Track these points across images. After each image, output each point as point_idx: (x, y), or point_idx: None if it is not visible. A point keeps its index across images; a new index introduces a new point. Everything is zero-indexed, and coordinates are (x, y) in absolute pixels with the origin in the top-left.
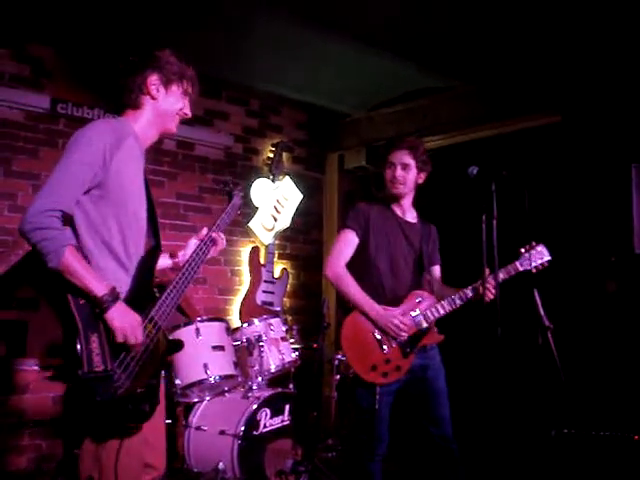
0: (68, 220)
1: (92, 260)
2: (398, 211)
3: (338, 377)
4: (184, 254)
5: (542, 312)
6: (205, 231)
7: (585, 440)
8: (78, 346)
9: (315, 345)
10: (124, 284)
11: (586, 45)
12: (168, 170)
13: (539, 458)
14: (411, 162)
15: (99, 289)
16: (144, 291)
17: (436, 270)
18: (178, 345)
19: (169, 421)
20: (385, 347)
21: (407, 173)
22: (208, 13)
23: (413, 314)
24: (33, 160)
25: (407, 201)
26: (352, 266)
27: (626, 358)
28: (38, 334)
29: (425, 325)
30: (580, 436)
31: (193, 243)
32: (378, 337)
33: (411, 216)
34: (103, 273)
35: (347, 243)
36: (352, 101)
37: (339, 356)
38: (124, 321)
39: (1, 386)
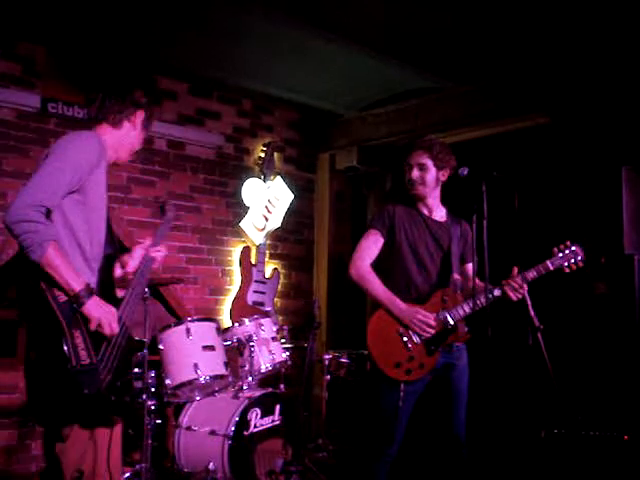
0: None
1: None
2: (425, 210)
3: (329, 377)
4: (132, 265)
5: (532, 313)
6: (148, 242)
7: (575, 440)
8: (64, 342)
9: (306, 345)
10: (92, 283)
11: (575, 46)
12: (159, 170)
13: (529, 458)
14: (428, 162)
15: (77, 284)
16: (110, 292)
17: (468, 268)
18: (139, 346)
19: (159, 421)
20: (409, 344)
21: (425, 173)
22: (200, 13)
23: (439, 312)
24: (24, 159)
25: (433, 200)
26: (378, 266)
27: (616, 359)
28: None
29: (451, 323)
30: (570, 436)
31: (138, 254)
32: (402, 334)
33: (439, 214)
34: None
35: (371, 243)
36: (344, 101)
37: (328, 356)
38: (100, 312)
39: None
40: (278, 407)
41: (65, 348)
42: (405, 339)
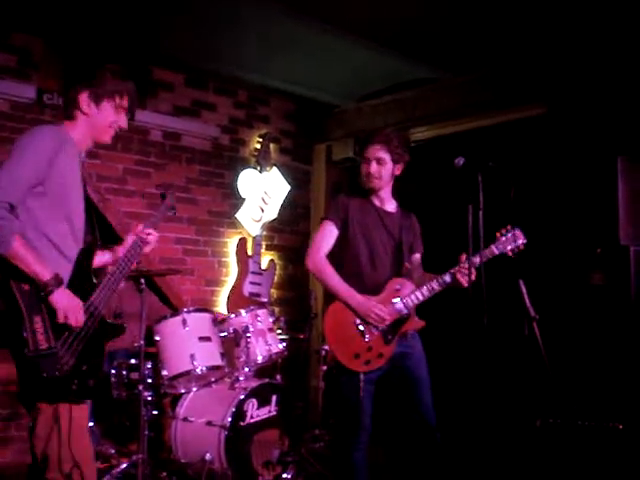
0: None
1: (36, 250)
2: (377, 202)
3: (325, 368)
4: (123, 249)
5: (528, 303)
6: (140, 227)
7: (570, 430)
8: (23, 328)
9: (302, 336)
10: (65, 272)
11: (571, 36)
12: (155, 161)
13: (524, 448)
14: (385, 156)
15: (44, 274)
16: (84, 279)
17: (417, 258)
18: (119, 329)
19: (155, 412)
20: (367, 335)
21: (382, 167)
22: (196, 4)
23: (393, 301)
24: None
25: (385, 192)
26: (333, 257)
27: (611, 349)
28: None
29: (405, 312)
30: (565, 426)
31: (131, 239)
32: (359, 325)
33: (391, 206)
34: (46, 261)
35: (327, 234)
36: (340, 92)
37: (325, 347)
38: (66, 303)
39: None
40: (274, 398)
41: (24, 333)
42: (362, 330)
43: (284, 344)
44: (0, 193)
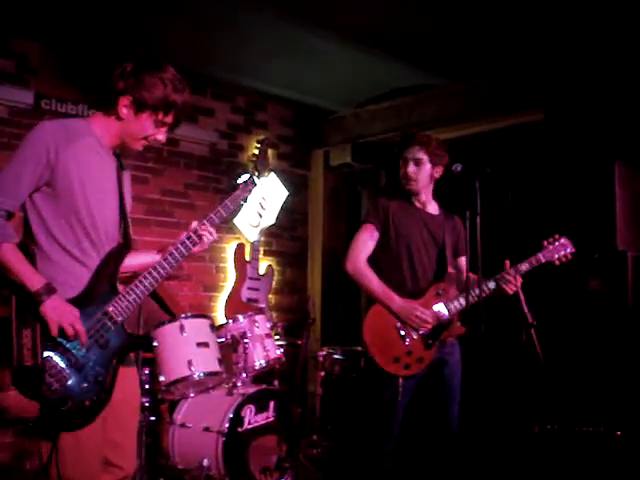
0: (24, 218)
1: (45, 255)
2: (418, 204)
3: (323, 373)
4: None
5: (526, 309)
6: (195, 224)
7: (568, 436)
8: (12, 340)
9: (300, 342)
10: (81, 279)
11: (568, 42)
12: (153, 166)
13: (522, 454)
14: (424, 157)
15: (33, 284)
16: (105, 286)
17: (462, 261)
18: (144, 342)
19: (153, 418)
20: (407, 339)
21: (420, 169)
22: (195, 9)
23: (435, 306)
24: None
25: (426, 194)
26: (374, 260)
27: (609, 355)
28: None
29: (447, 317)
30: (563, 432)
31: (182, 237)
32: (400, 329)
33: (432, 208)
34: (58, 268)
35: (367, 237)
36: (338, 98)
37: (323, 352)
38: (58, 314)
39: None
40: (272, 404)
41: (13, 347)
42: (403, 333)
43: (282, 350)
44: None
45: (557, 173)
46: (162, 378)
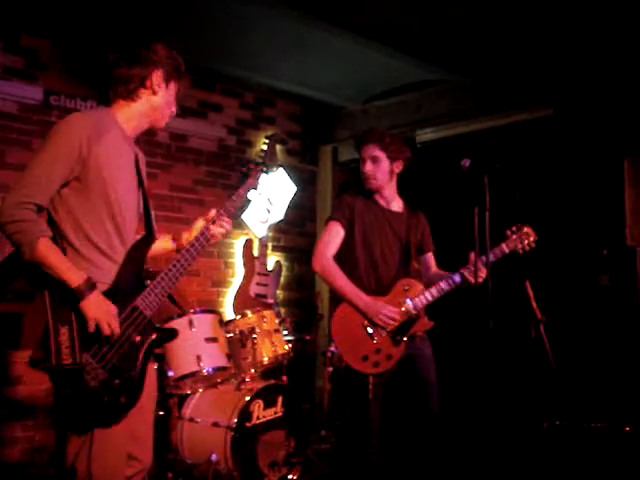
0: (50, 212)
1: (75, 251)
2: (382, 202)
3: (331, 369)
4: (188, 237)
5: (534, 305)
6: (213, 212)
7: (577, 432)
8: (48, 339)
9: (308, 337)
10: (110, 274)
11: (578, 38)
12: (161, 162)
13: (531, 450)
14: (380, 154)
15: (73, 280)
16: (132, 280)
17: (428, 257)
18: (171, 334)
19: (162, 413)
20: (375, 337)
21: (377, 166)
22: (203, 5)
23: (401, 302)
24: (26, 152)
25: (389, 191)
26: (339, 257)
27: (617, 351)
28: (32, 326)
29: (414, 313)
30: (572, 428)
31: (199, 224)
32: (367, 327)
33: (396, 205)
34: (87, 263)
35: (333, 235)
36: (346, 94)
37: (332, 348)
38: (98, 311)
39: None
40: (280, 399)
41: (49, 345)
42: (370, 331)
43: (290, 345)
44: (24, 193)
45: (566, 169)
46: (171, 373)
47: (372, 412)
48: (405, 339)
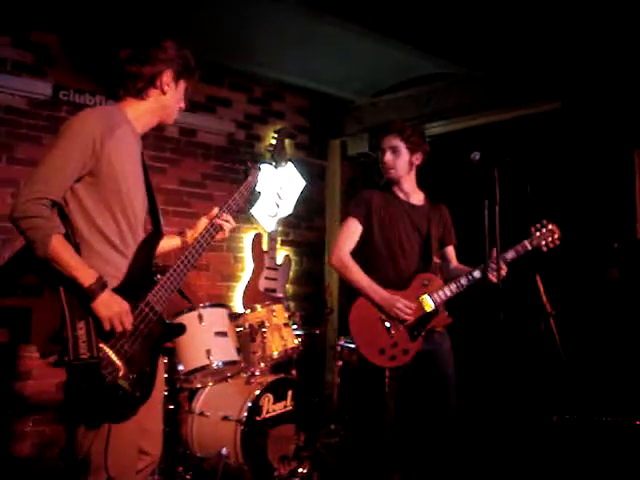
0: (61, 207)
1: (87, 246)
2: (401, 195)
3: (340, 363)
4: (193, 234)
5: (544, 298)
6: (216, 210)
7: (587, 426)
8: (65, 334)
9: (317, 331)
10: (121, 269)
11: (586, 31)
12: (170, 157)
13: (541, 443)
14: (399, 144)
15: (85, 278)
16: (143, 275)
17: (449, 251)
18: (179, 329)
19: (172, 407)
20: (392, 331)
21: (397, 156)
22: (212, 0)
23: (419, 297)
24: (36, 147)
25: (408, 183)
26: (357, 253)
27: (628, 345)
28: (41, 321)
29: (432, 307)
30: (582, 422)
31: (203, 222)
32: (385, 321)
33: (417, 198)
34: (99, 258)
35: (351, 231)
36: (355, 87)
37: (342, 342)
38: (110, 310)
39: (4, 373)
40: (290, 393)
41: (65, 338)
42: (388, 325)
43: (300, 339)
44: (37, 188)
45: (576, 162)
46: (181, 367)
47: (387, 406)
48: (423, 334)
